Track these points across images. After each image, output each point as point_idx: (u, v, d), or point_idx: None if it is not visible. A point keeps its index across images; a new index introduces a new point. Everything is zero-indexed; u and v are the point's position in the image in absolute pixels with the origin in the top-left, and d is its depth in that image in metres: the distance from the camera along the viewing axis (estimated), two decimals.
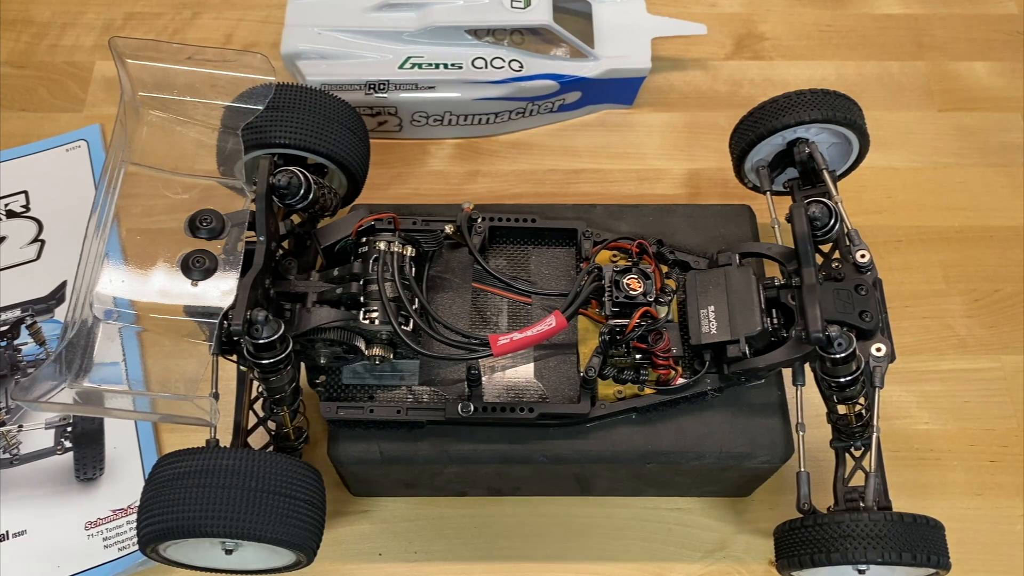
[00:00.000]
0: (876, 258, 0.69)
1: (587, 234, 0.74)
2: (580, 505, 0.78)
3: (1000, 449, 0.81)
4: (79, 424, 0.80)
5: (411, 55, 0.89)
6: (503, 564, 0.76)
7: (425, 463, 0.70)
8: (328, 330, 0.65)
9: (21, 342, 0.84)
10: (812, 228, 0.70)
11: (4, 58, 1.01)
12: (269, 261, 0.66)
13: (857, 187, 0.91)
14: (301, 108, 0.74)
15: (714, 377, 0.69)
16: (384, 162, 0.93)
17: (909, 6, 1.05)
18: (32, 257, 0.88)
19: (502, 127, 0.95)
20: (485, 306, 0.73)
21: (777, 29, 1.04)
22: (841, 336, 0.62)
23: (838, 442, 0.69)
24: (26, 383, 0.59)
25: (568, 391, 0.70)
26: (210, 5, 1.04)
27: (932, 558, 0.62)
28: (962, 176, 0.95)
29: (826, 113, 0.75)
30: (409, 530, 0.77)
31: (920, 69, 1.01)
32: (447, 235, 0.73)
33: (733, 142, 0.81)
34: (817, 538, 0.64)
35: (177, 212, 0.67)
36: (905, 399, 0.83)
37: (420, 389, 0.70)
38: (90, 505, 0.77)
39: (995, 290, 0.88)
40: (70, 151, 0.94)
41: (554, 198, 0.93)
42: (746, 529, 0.78)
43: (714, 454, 0.69)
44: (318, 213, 0.72)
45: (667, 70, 1.00)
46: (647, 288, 0.67)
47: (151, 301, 0.64)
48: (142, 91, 0.69)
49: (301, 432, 0.71)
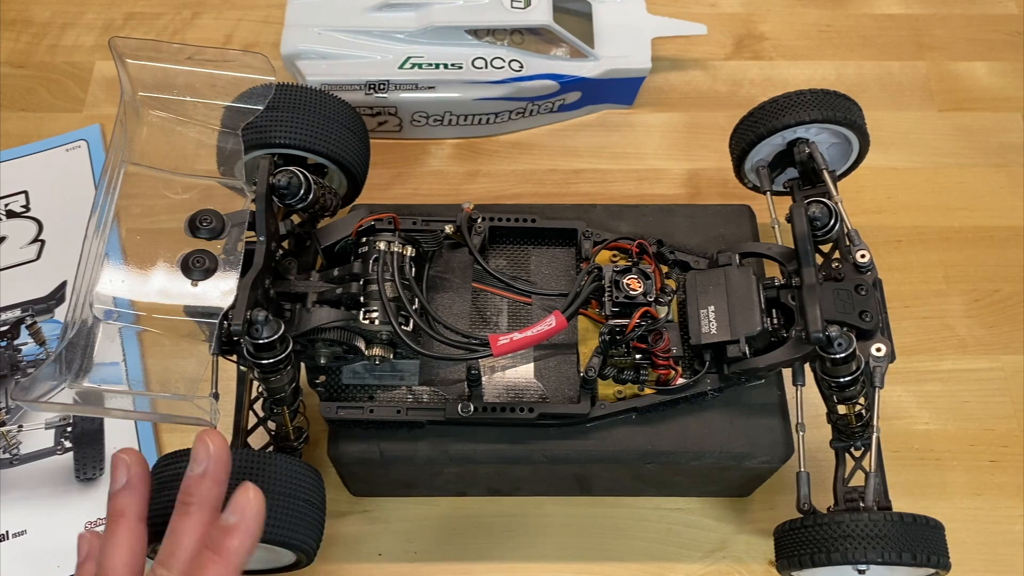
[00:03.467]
0: (876, 258, 0.69)
1: (587, 234, 0.74)
2: (580, 505, 0.78)
3: (1000, 449, 0.81)
4: (79, 424, 0.80)
5: (411, 55, 0.89)
6: (503, 564, 0.76)
7: (425, 463, 0.70)
8: (328, 330, 0.65)
9: (21, 342, 0.84)
10: (812, 228, 0.70)
11: (4, 58, 1.01)
12: (269, 261, 0.66)
13: (857, 187, 0.91)
14: (301, 108, 0.74)
15: (714, 377, 0.69)
16: (384, 162, 0.94)
17: (909, 6, 1.05)
18: (32, 257, 0.88)
19: (502, 127, 0.95)
20: (485, 306, 0.73)
21: (777, 29, 1.04)
22: (841, 336, 0.62)
23: (838, 442, 0.69)
24: (26, 383, 0.59)
25: (568, 391, 0.70)
26: (210, 5, 1.04)
27: (932, 558, 0.62)
28: (962, 176, 0.95)
29: (826, 113, 0.75)
30: (409, 530, 0.77)
31: (920, 69, 1.01)
32: (447, 235, 0.73)
33: (733, 142, 0.81)
34: (817, 538, 0.64)
35: (177, 212, 0.67)
36: (905, 399, 0.83)
37: (420, 389, 0.70)
38: (90, 505, 0.77)
39: (995, 290, 0.88)
40: (70, 151, 0.94)
41: (554, 198, 0.93)
42: (746, 529, 0.78)
43: (714, 454, 0.69)
44: (318, 213, 0.72)
45: (667, 70, 1.00)
46: (647, 288, 0.67)
47: (151, 301, 0.64)
48: (142, 91, 0.69)
49: (301, 432, 0.71)
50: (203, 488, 0.54)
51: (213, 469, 0.55)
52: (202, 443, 0.55)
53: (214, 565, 0.52)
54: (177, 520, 0.54)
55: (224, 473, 0.55)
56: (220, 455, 0.55)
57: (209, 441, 0.55)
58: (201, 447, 0.55)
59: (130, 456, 0.58)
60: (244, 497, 0.53)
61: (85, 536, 0.58)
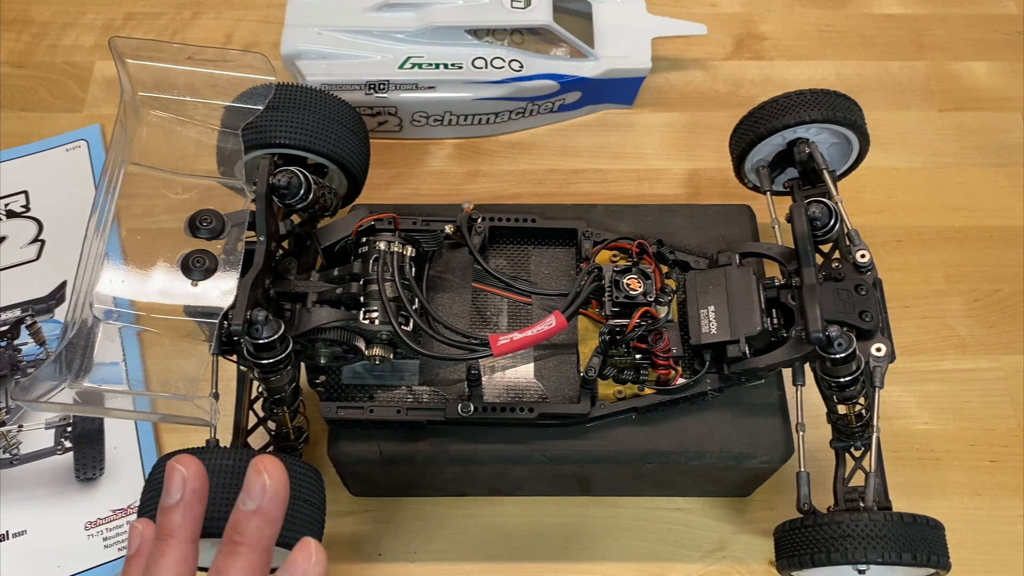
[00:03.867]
0: (876, 258, 0.69)
1: (587, 234, 0.74)
2: (580, 505, 0.78)
3: (1000, 449, 0.81)
4: (79, 424, 0.80)
5: (411, 55, 0.89)
6: (503, 564, 0.76)
7: (425, 463, 0.69)
8: (328, 330, 0.65)
9: (21, 342, 0.84)
10: (812, 228, 0.70)
11: (4, 58, 1.01)
12: (269, 261, 0.66)
13: (857, 187, 0.91)
14: (301, 108, 0.74)
15: (714, 377, 0.69)
16: (384, 162, 0.93)
17: (909, 6, 1.05)
18: (32, 257, 0.88)
19: (502, 127, 0.95)
20: (485, 306, 0.73)
21: (777, 29, 1.04)
22: (841, 336, 0.62)
23: (838, 442, 0.69)
24: (26, 383, 0.59)
25: (568, 391, 0.70)
26: (210, 5, 1.04)
27: (932, 558, 0.62)
28: (962, 176, 0.95)
29: (826, 113, 0.75)
30: (409, 530, 0.77)
31: (920, 69, 1.01)
32: (447, 235, 0.73)
33: (733, 142, 0.81)
34: (817, 538, 0.64)
35: (177, 212, 0.67)
36: (905, 399, 0.83)
37: (420, 389, 0.70)
38: (90, 505, 0.77)
39: (995, 290, 0.88)
40: (70, 151, 0.94)
41: (554, 198, 0.93)
42: (746, 529, 0.78)
43: (714, 454, 0.69)
44: (318, 213, 0.72)
45: (667, 70, 1.00)
46: (647, 288, 0.67)
47: (151, 301, 0.64)
48: (142, 91, 0.69)
49: (301, 432, 0.71)
50: (253, 526, 0.48)
51: (268, 507, 0.48)
52: (257, 474, 0.48)
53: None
54: (223, 560, 0.48)
55: (280, 511, 0.49)
56: (277, 492, 0.48)
57: (266, 473, 0.48)
58: (256, 480, 0.48)
59: (189, 468, 0.50)
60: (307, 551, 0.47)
61: (137, 528, 0.51)
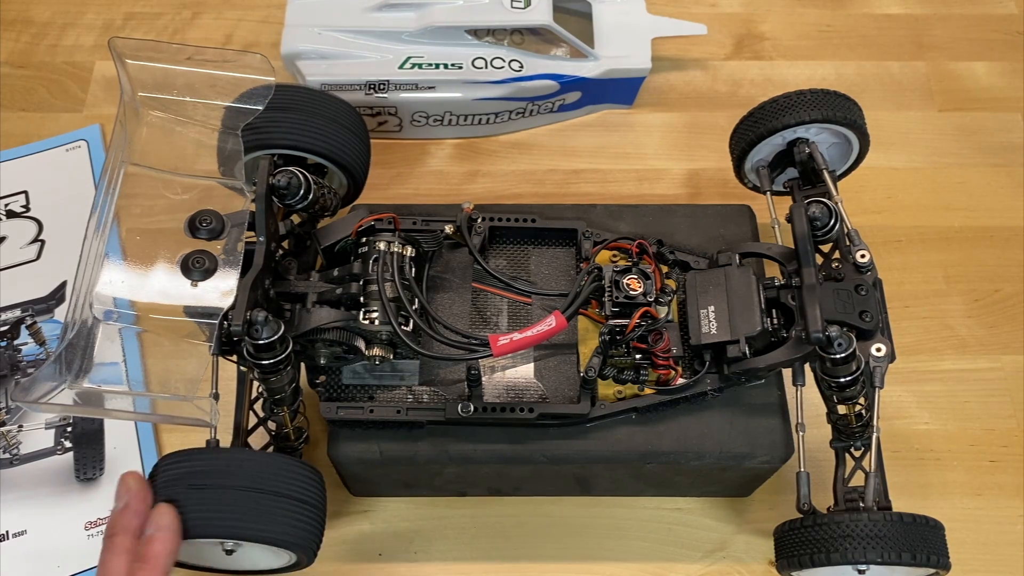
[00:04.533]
0: (876, 258, 0.68)
1: (587, 234, 0.74)
2: (580, 505, 0.78)
3: (1000, 449, 0.81)
4: (79, 424, 0.80)
5: (411, 55, 0.89)
6: (503, 564, 0.76)
7: (425, 463, 0.70)
8: (328, 330, 0.65)
9: (21, 342, 0.84)
10: (812, 228, 0.70)
11: (4, 58, 1.01)
12: (269, 261, 0.66)
13: (857, 187, 0.91)
14: (301, 109, 0.74)
15: (714, 377, 0.69)
16: (384, 162, 0.93)
17: (909, 6, 1.05)
18: (32, 257, 0.88)
19: (502, 127, 0.95)
20: (485, 306, 0.73)
21: (777, 29, 1.04)
22: (841, 336, 0.62)
23: (838, 442, 0.69)
24: (26, 383, 0.59)
25: (568, 391, 0.70)
26: (210, 5, 1.04)
27: (932, 558, 0.62)
28: (962, 176, 0.95)
29: (826, 113, 0.75)
30: (409, 530, 0.77)
31: (920, 69, 1.01)
32: (447, 235, 0.73)
33: (733, 142, 0.81)
34: (817, 538, 0.64)
35: (177, 212, 0.67)
36: (905, 399, 0.83)
37: (420, 389, 0.70)
38: (90, 505, 0.77)
39: (995, 290, 0.88)
40: (70, 151, 0.94)
41: (554, 198, 0.93)
42: (746, 529, 0.78)
43: (714, 454, 0.69)
44: (318, 213, 0.72)
45: (667, 70, 1.00)
46: (647, 288, 0.67)
47: (151, 301, 0.64)
48: (142, 91, 0.69)
49: (301, 432, 0.71)
50: (124, 519, 0.59)
51: (133, 503, 0.59)
52: (123, 484, 0.60)
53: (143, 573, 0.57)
54: (105, 553, 0.58)
55: (143, 504, 0.59)
56: (139, 491, 0.60)
57: (129, 481, 0.60)
58: (122, 487, 0.60)
59: None
60: (156, 512, 0.59)
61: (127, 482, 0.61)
